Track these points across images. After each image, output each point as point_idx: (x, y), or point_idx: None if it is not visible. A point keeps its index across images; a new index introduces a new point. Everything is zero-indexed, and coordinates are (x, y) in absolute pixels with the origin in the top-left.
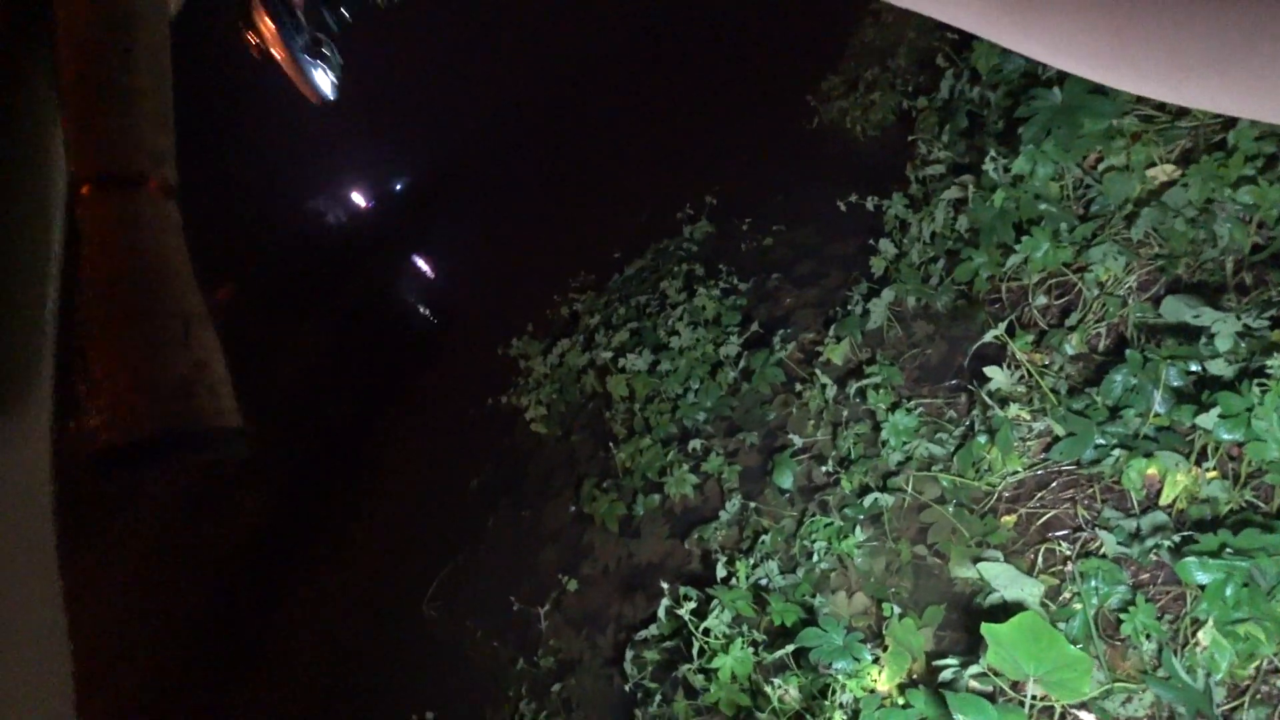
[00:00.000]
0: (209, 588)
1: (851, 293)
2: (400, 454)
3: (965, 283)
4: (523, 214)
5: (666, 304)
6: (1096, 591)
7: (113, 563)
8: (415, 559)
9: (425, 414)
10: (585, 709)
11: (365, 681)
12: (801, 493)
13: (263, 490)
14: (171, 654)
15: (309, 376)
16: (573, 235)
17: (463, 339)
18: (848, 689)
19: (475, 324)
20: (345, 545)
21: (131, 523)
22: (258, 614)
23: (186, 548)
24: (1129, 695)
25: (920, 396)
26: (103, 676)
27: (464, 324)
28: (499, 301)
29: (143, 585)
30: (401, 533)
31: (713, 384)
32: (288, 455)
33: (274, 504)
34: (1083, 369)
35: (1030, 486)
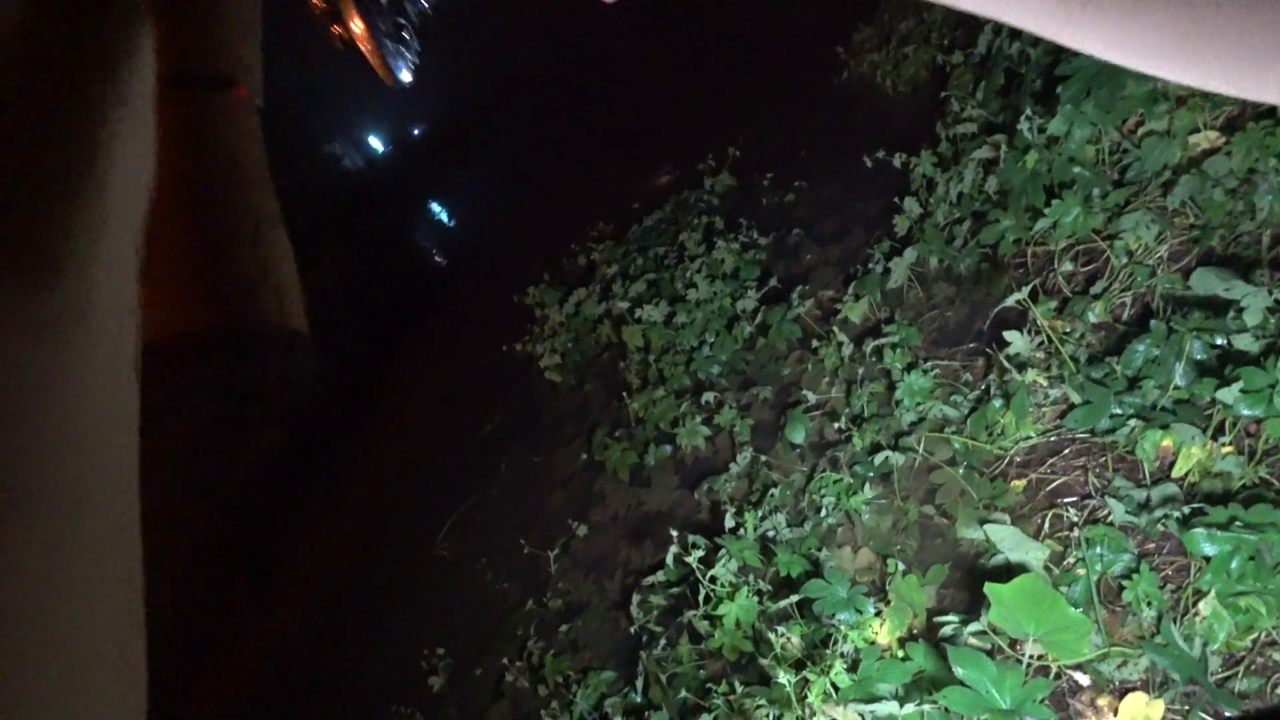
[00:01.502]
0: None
1: (873, 251)
2: (414, 397)
3: (990, 246)
4: (542, 162)
5: (685, 256)
6: (1100, 558)
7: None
8: (428, 500)
9: (439, 359)
10: (592, 649)
11: (377, 615)
12: (812, 448)
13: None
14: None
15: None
16: (592, 184)
17: (478, 285)
18: (849, 640)
19: (491, 270)
20: (358, 485)
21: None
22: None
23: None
24: (1124, 659)
25: (937, 358)
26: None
27: (480, 270)
28: (515, 249)
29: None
30: (414, 474)
31: (728, 338)
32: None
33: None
34: (1104, 338)
35: (1042, 452)
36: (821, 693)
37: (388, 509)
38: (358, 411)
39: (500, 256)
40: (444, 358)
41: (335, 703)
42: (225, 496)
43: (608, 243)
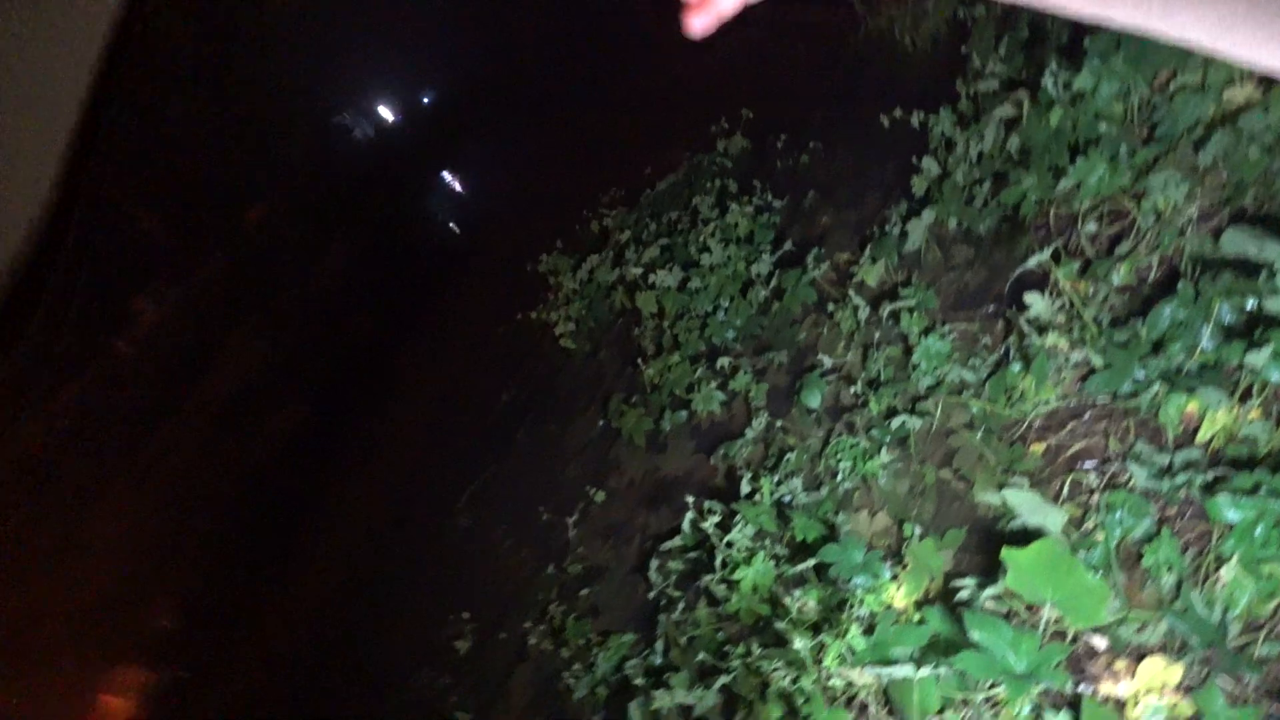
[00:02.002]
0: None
1: (890, 213)
2: (430, 367)
3: (1011, 206)
4: (553, 128)
5: (698, 220)
6: (1120, 523)
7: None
8: (446, 470)
9: (454, 328)
10: (612, 613)
11: (401, 583)
12: (828, 413)
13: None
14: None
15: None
16: (604, 149)
17: (491, 254)
18: (865, 604)
19: (504, 239)
20: (376, 456)
21: (167, 437)
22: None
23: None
24: (1143, 624)
25: (955, 321)
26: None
27: (493, 239)
28: (528, 217)
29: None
30: (432, 444)
31: (743, 302)
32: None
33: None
34: (1129, 301)
35: (1062, 417)
36: (838, 656)
37: (408, 481)
38: (375, 385)
39: (513, 225)
40: (460, 328)
41: (365, 668)
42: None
43: (620, 208)
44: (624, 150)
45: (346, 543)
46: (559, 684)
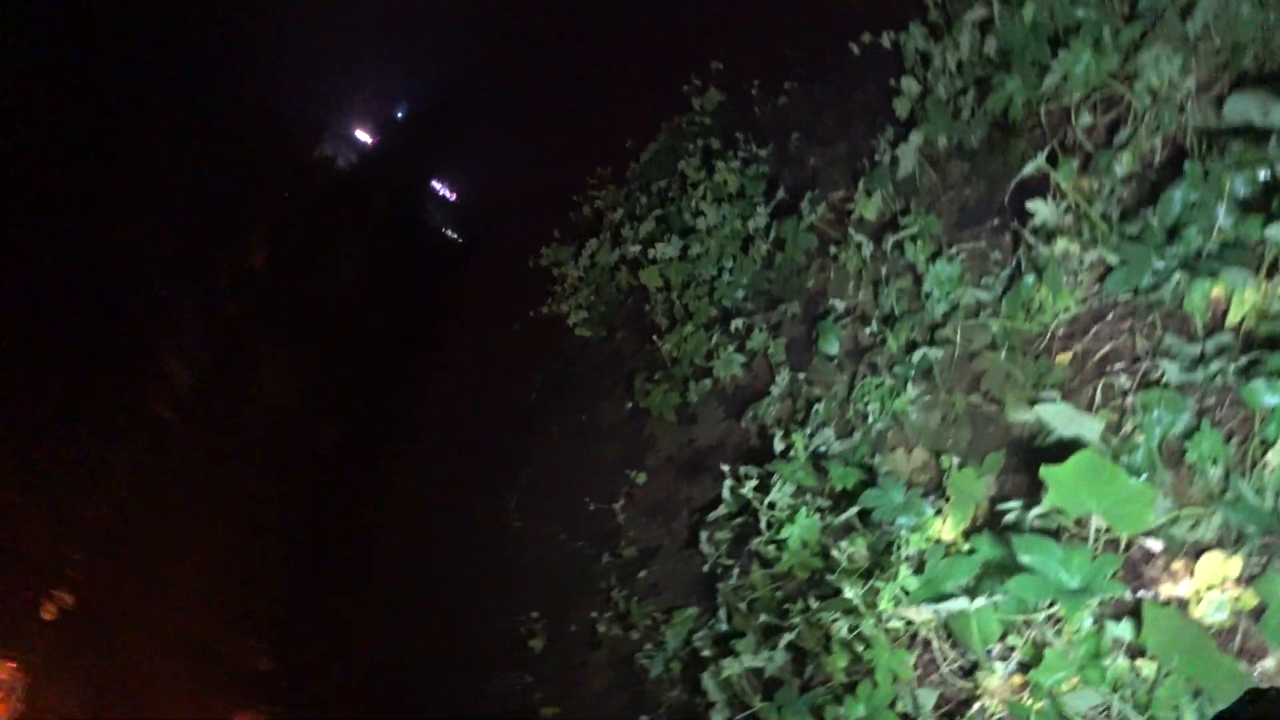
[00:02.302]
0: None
1: (878, 142)
2: (455, 375)
3: (999, 113)
4: (528, 120)
5: (687, 185)
6: (1159, 422)
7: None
8: (489, 475)
9: (470, 334)
10: (671, 589)
11: (468, 594)
12: (849, 356)
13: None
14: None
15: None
16: (582, 131)
17: (493, 255)
18: (912, 543)
19: (503, 239)
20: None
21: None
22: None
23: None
24: (1195, 521)
25: (961, 242)
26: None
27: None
28: (521, 212)
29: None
30: (471, 452)
31: (746, 260)
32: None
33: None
34: (1136, 191)
35: (1084, 322)
36: (892, 598)
37: (454, 493)
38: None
39: (509, 223)
40: (476, 332)
41: (448, 680)
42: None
43: (609, 187)
44: (601, 128)
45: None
46: (634, 666)
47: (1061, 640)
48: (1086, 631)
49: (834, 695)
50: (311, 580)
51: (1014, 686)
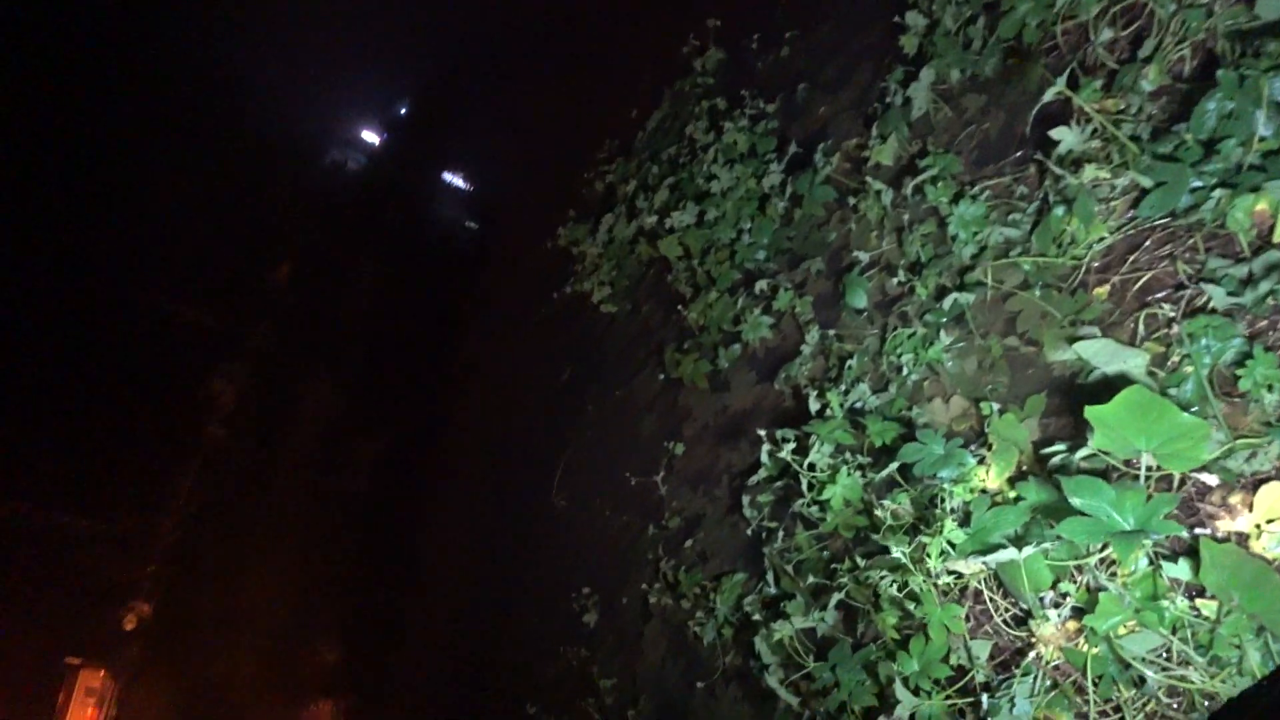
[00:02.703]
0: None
1: (887, 83)
2: (486, 365)
3: (1013, 38)
4: (529, 99)
5: (697, 149)
6: (1208, 350)
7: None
8: (530, 458)
9: (497, 322)
10: (718, 557)
11: (519, 576)
12: (878, 308)
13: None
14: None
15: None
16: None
17: (512, 241)
18: (956, 494)
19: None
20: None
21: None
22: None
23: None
24: (1253, 451)
25: (984, 179)
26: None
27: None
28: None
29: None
30: (510, 439)
31: (764, 219)
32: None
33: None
34: (1166, 105)
35: (1120, 251)
36: (939, 552)
37: (498, 478)
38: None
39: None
40: (502, 322)
41: (511, 659)
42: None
43: (619, 160)
44: (604, 99)
45: (457, 551)
46: (687, 634)
47: (1116, 583)
48: (1142, 573)
49: (887, 651)
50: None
51: (1069, 633)
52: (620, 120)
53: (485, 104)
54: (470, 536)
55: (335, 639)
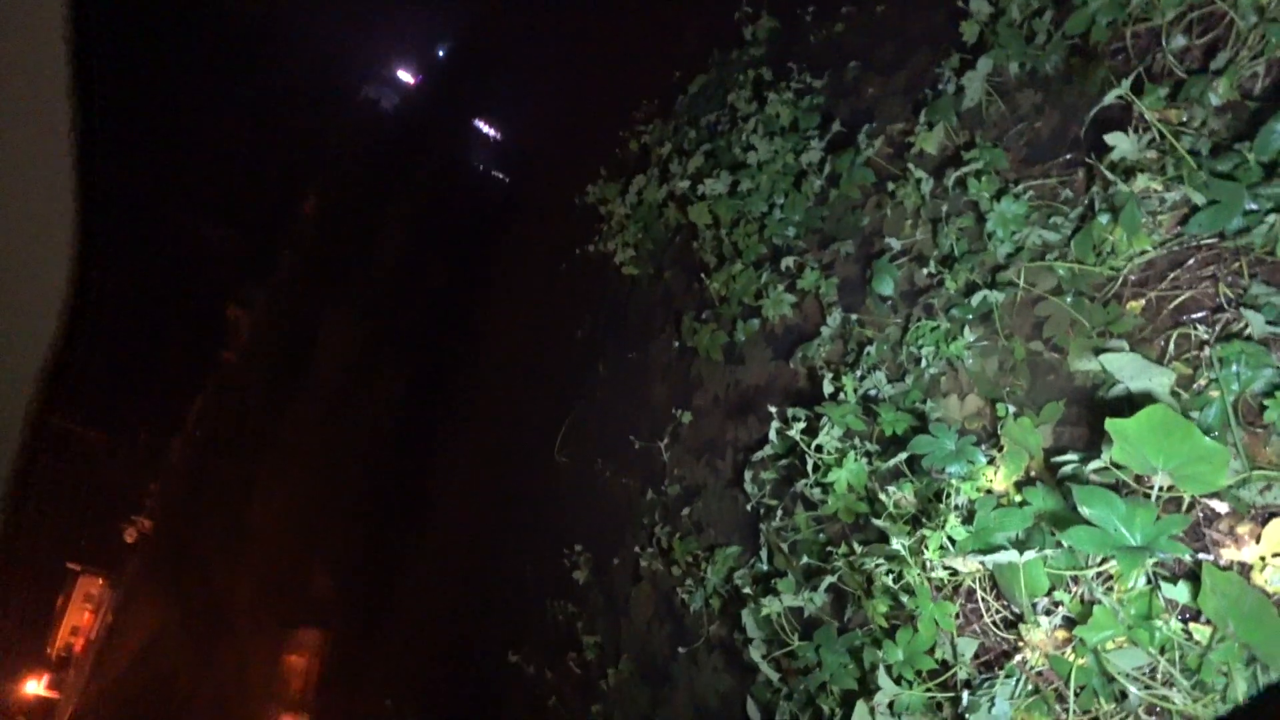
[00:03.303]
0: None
1: (942, 69)
2: (504, 316)
3: (1079, 35)
4: (572, 53)
5: (737, 118)
6: (1238, 377)
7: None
8: (538, 411)
9: (518, 273)
10: (714, 527)
11: (516, 527)
12: (904, 298)
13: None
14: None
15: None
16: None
17: (540, 194)
18: (962, 491)
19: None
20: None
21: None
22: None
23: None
24: (1268, 484)
25: (1029, 178)
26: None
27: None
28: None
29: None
30: (521, 391)
31: (798, 196)
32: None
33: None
34: (1231, 122)
35: (1161, 267)
36: (939, 547)
37: (505, 429)
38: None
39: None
40: (523, 272)
41: (499, 607)
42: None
43: (656, 122)
44: (647, 58)
45: (460, 498)
46: (675, 600)
47: (1111, 598)
48: (1139, 591)
49: (873, 639)
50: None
51: (1057, 641)
52: (661, 81)
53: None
54: (474, 484)
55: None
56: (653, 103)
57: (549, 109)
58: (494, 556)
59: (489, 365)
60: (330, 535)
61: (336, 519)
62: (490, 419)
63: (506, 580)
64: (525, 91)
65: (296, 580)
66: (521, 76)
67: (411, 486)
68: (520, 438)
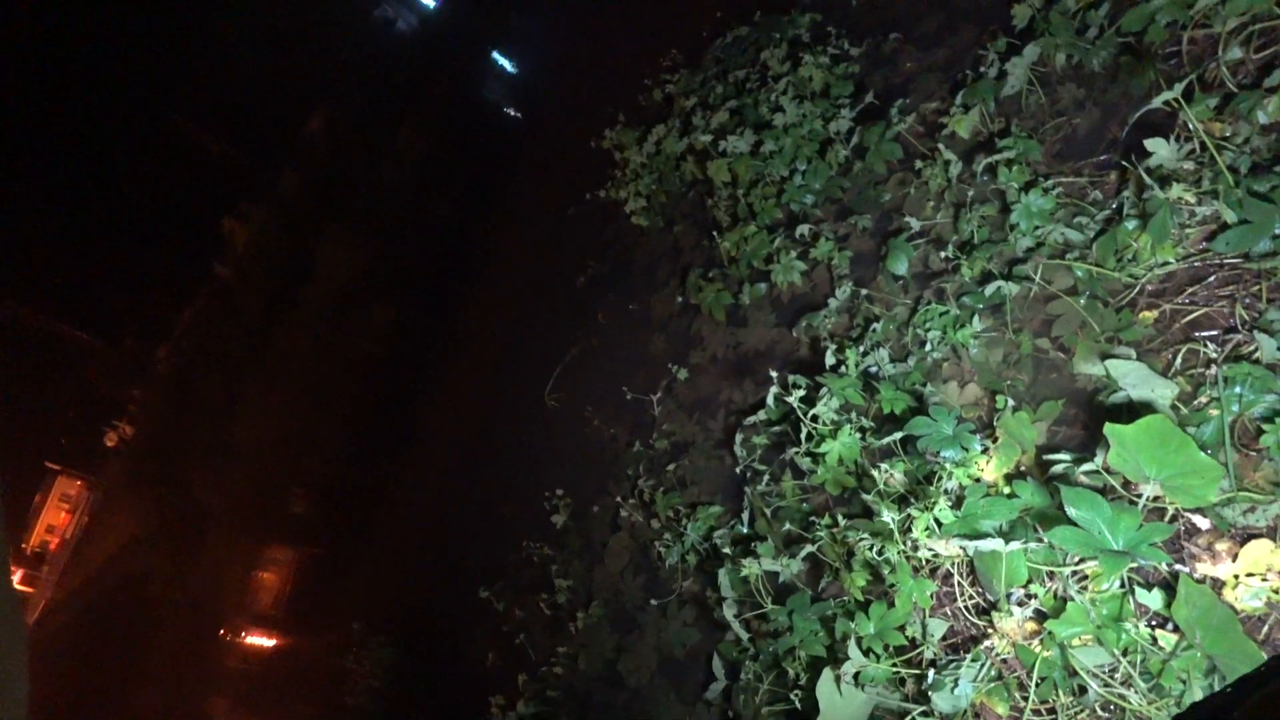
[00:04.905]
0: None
1: (986, 51)
2: (506, 254)
3: (1135, 33)
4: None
5: (768, 77)
6: (1239, 398)
7: (279, 379)
8: (533, 354)
9: (525, 213)
10: (698, 486)
11: (500, 465)
12: (917, 279)
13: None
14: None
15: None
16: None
17: (554, 134)
18: (954, 476)
19: (565, 117)
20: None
21: (284, 343)
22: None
23: (338, 354)
24: (1253, 505)
25: (1060, 174)
26: (291, 469)
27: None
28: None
29: (307, 395)
30: (517, 330)
31: (822, 164)
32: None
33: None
34: (1276, 143)
35: (1180, 280)
36: (925, 527)
37: (498, 367)
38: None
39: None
40: (530, 212)
41: (475, 542)
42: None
43: (683, 72)
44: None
45: (448, 430)
46: (651, 553)
47: (1084, 597)
48: (1113, 593)
49: (845, 610)
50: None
51: (1026, 632)
52: (694, 31)
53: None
54: (461, 419)
55: (311, 495)
56: (682, 52)
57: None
58: (474, 492)
59: (487, 302)
60: (312, 458)
61: (320, 443)
62: (483, 356)
63: (485, 517)
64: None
65: (276, 499)
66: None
67: (398, 416)
68: (512, 377)
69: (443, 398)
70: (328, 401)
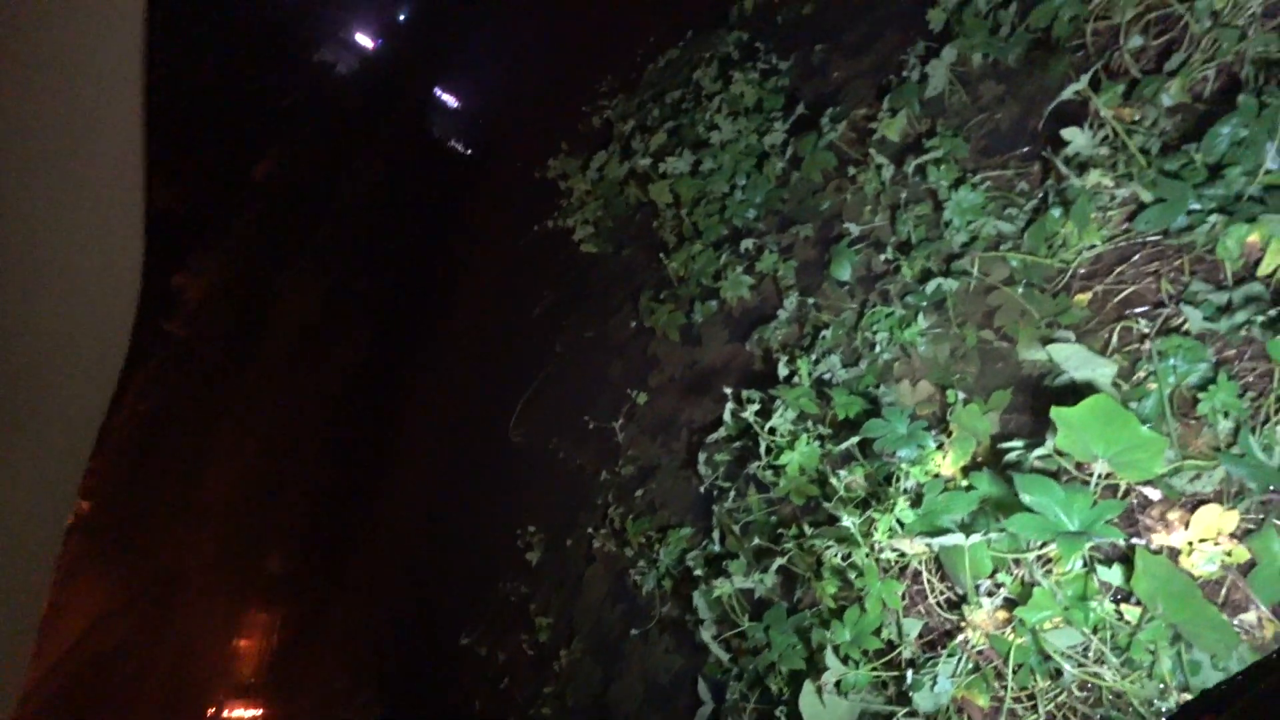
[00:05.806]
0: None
1: (908, 56)
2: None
3: (1043, 29)
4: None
5: (702, 96)
6: (1174, 369)
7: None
8: (494, 388)
9: (479, 248)
10: (667, 508)
11: (470, 507)
12: (861, 283)
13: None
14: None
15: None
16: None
17: (502, 166)
18: (912, 475)
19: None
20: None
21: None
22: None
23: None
24: (1198, 472)
25: (988, 169)
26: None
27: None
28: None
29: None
30: (476, 367)
31: (760, 177)
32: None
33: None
34: (1181, 124)
35: (1109, 261)
36: (887, 528)
37: (461, 407)
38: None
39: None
40: (484, 248)
41: (452, 587)
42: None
43: (620, 96)
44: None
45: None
46: (628, 581)
47: (1050, 580)
48: (1076, 573)
49: (821, 619)
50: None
51: (998, 621)
52: (628, 56)
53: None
54: (428, 461)
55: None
56: (617, 77)
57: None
58: (446, 537)
59: (447, 340)
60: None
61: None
62: (447, 395)
63: (458, 561)
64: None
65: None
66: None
67: (366, 463)
68: (476, 415)
69: (408, 441)
70: (295, 447)
